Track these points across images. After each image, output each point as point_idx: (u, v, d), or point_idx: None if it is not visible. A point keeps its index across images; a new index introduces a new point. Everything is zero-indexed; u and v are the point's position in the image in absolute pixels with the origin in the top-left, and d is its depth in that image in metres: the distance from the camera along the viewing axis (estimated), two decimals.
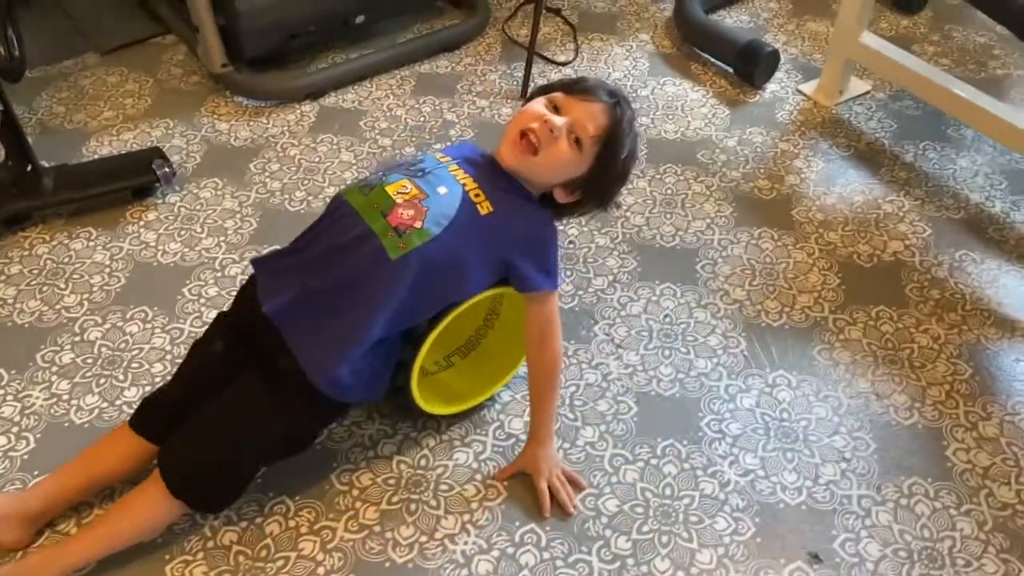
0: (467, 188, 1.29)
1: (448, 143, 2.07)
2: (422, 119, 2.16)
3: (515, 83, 2.27)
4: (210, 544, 1.30)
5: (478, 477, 1.40)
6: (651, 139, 2.10)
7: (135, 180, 1.86)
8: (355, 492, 1.37)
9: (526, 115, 1.30)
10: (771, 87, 2.26)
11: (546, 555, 1.30)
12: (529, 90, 2.22)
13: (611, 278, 1.75)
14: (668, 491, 1.38)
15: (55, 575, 1.21)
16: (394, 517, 1.34)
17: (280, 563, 1.28)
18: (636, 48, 2.42)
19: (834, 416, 1.49)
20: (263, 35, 2.19)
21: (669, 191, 1.95)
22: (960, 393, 1.52)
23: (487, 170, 1.33)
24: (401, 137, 2.10)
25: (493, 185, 1.31)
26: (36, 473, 1.38)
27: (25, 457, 1.41)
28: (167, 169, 1.87)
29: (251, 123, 2.13)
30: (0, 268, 1.74)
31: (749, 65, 2.23)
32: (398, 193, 1.26)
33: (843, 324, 1.65)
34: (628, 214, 1.89)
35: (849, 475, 1.40)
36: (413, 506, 1.36)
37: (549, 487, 1.34)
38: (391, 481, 1.39)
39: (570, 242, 1.82)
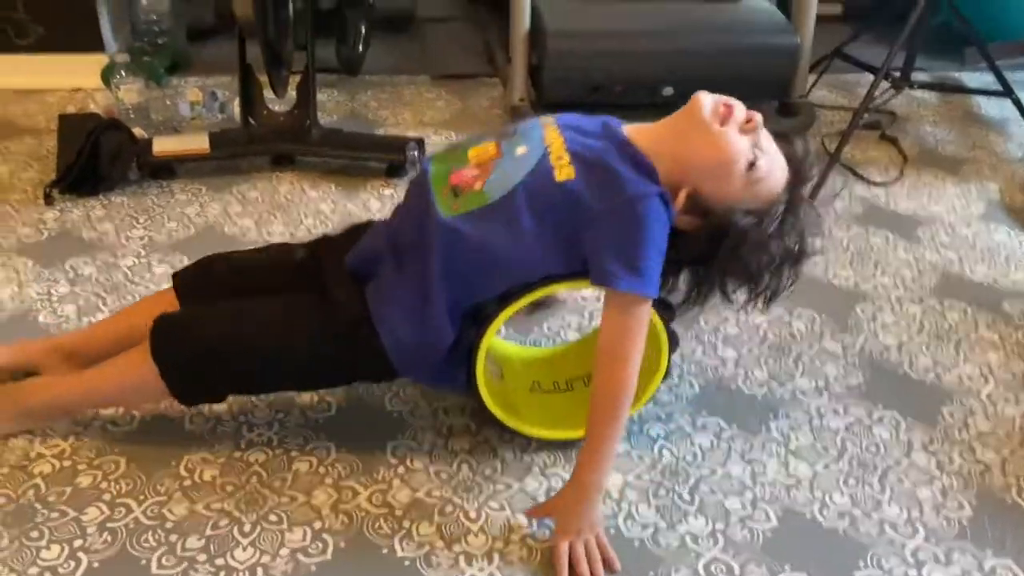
0: (550, 150, 1.07)
1: None
2: None
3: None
4: (236, 455, 1.18)
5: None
6: (948, 272, 1.68)
7: (384, 155, 1.91)
8: (400, 470, 1.17)
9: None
10: None
11: None
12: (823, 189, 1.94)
13: (821, 384, 1.38)
14: None
15: (40, 404, 1.17)
16: (423, 509, 1.11)
17: (285, 500, 1.11)
18: (976, 191, 2.01)
19: None
20: (567, 82, 2.19)
21: (946, 327, 1.53)
22: None
23: (599, 135, 1.10)
24: None
25: (592, 150, 1.07)
26: None
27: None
28: (416, 152, 1.90)
29: None
30: (244, 191, 1.86)
31: None
32: (477, 154, 1.11)
33: None
34: (878, 330, 1.51)
35: None
36: (449, 508, 1.12)
37: (572, 552, 1.02)
38: (443, 475, 1.17)
39: (789, 334, 1.49)
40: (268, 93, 1.97)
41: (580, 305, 1.52)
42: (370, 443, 1.21)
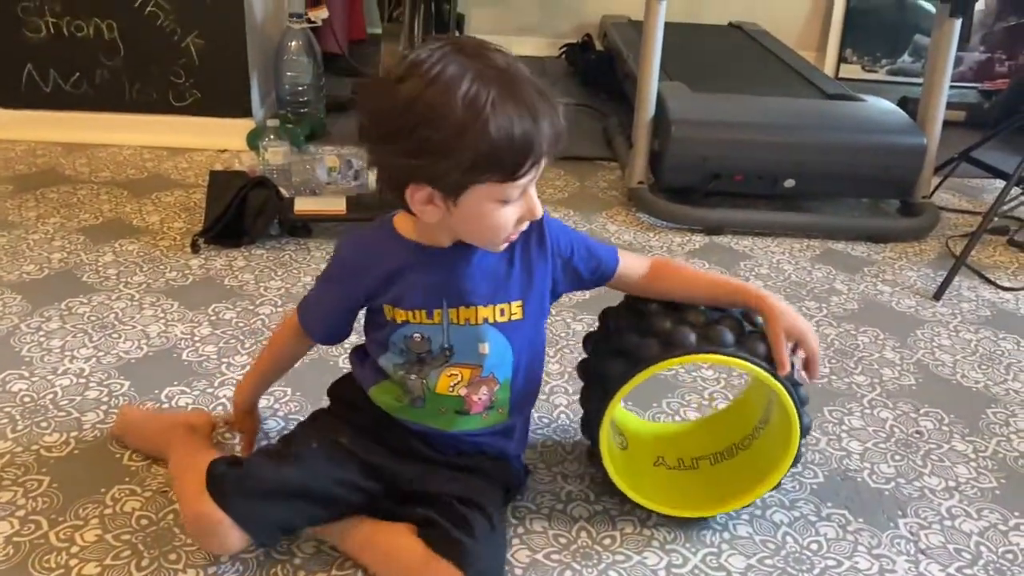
0: (491, 319, 1.06)
1: (823, 307, 1.84)
2: (807, 279, 1.97)
3: (932, 285, 1.96)
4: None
5: None
6: None
7: None
8: (520, 530, 1.18)
9: (493, 227, 1.00)
10: None
11: None
12: (944, 293, 1.91)
13: (952, 485, 1.33)
14: None
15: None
16: (542, 571, 1.11)
17: None
18: None
19: None
20: (687, 168, 2.23)
21: None
22: None
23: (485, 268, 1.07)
24: (775, 285, 1.93)
25: (497, 275, 1.06)
26: None
27: None
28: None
29: (638, 234, 2.15)
30: None
31: None
32: (461, 383, 1.09)
33: None
34: (1010, 435, 1.45)
35: None
36: (568, 573, 1.11)
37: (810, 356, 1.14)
38: (562, 540, 1.17)
39: (916, 432, 1.45)
40: None
41: (700, 386, 1.52)
42: None
